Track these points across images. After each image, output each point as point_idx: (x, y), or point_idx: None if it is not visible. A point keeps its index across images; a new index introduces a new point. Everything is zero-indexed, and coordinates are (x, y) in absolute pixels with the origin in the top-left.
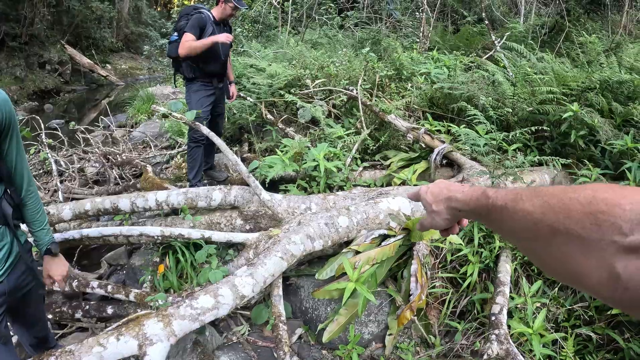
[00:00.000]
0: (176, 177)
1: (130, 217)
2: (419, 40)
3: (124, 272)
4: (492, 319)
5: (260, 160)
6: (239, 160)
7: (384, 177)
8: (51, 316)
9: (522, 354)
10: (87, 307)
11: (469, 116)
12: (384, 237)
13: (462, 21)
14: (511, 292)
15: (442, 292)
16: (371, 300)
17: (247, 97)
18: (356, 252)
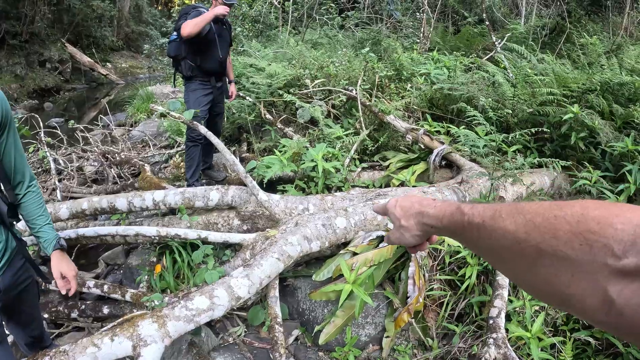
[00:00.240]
0: (175, 177)
1: (127, 217)
2: (419, 40)
3: (121, 272)
4: (490, 322)
5: (258, 160)
6: (237, 160)
7: (383, 178)
8: (47, 315)
9: (520, 358)
10: (83, 306)
11: (469, 117)
12: (382, 238)
13: (462, 22)
14: (510, 295)
15: (440, 295)
16: (368, 302)
17: (246, 97)
18: (354, 254)
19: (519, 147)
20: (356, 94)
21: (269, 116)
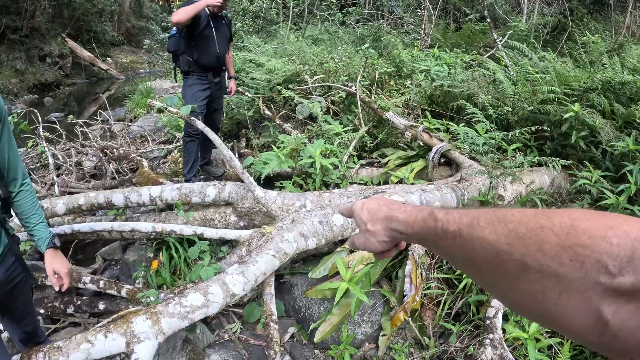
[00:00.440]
0: (173, 172)
1: (124, 212)
2: (420, 37)
3: (119, 267)
4: (487, 322)
5: (257, 156)
6: (234, 155)
7: (381, 175)
8: (43, 311)
9: (517, 359)
10: (79, 302)
11: (469, 115)
12: None
13: (464, 19)
14: None
15: (438, 293)
16: (364, 300)
17: (246, 92)
18: (350, 251)
19: (519, 146)
20: (355, 90)
21: (267, 112)
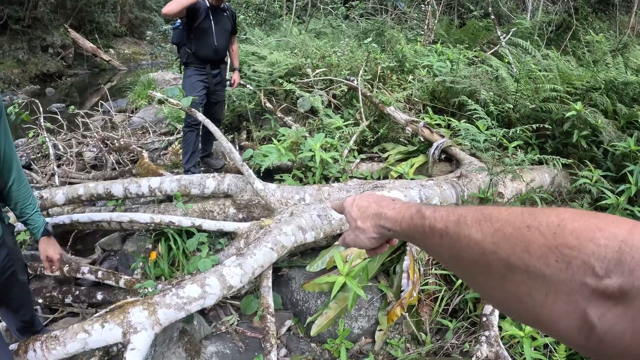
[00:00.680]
0: (173, 164)
1: (124, 203)
2: (423, 32)
3: (117, 258)
4: (484, 319)
5: (257, 148)
6: (233, 148)
7: (381, 169)
8: (41, 300)
9: (513, 357)
10: (77, 292)
11: (470, 111)
12: None
13: (468, 15)
14: None
15: (435, 290)
16: (361, 295)
17: (247, 85)
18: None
19: (520, 143)
20: (357, 84)
21: (269, 105)
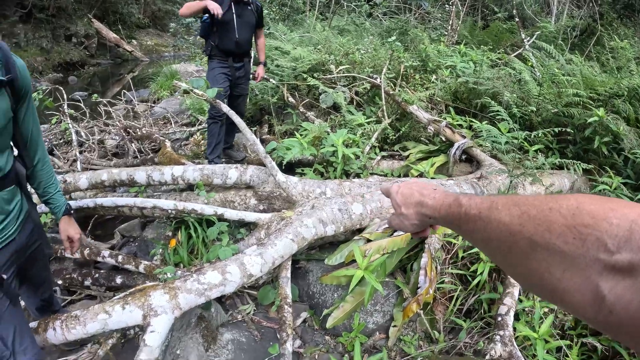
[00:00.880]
0: (194, 154)
1: (145, 190)
2: (447, 33)
3: (136, 244)
4: (499, 319)
5: (279, 142)
6: (257, 140)
7: (402, 167)
8: (61, 282)
9: (526, 358)
10: (97, 275)
11: (492, 112)
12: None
13: (492, 17)
14: (520, 295)
15: (451, 289)
16: (379, 289)
17: (270, 79)
18: (368, 240)
19: (540, 147)
20: (380, 82)
21: (291, 99)
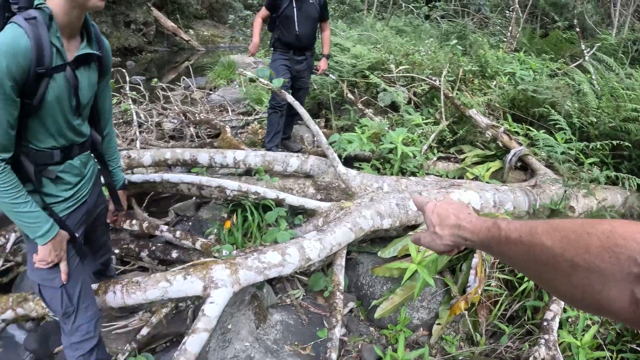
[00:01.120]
0: (251, 142)
1: (205, 172)
2: (506, 39)
3: (190, 224)
4: (544, 324)
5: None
6: (320, 131)
7: (457, 170)
8: (118, 251)
9: None
10: (154, 248)
11: (551, 121)
12: None
13: (551, 25)
14: (565, 305)
15: (496, 293)
16: (430, 284)
17: (330, 74)
18: None
19: (595, 161)
20: (440, 84)
21: (350, 96)
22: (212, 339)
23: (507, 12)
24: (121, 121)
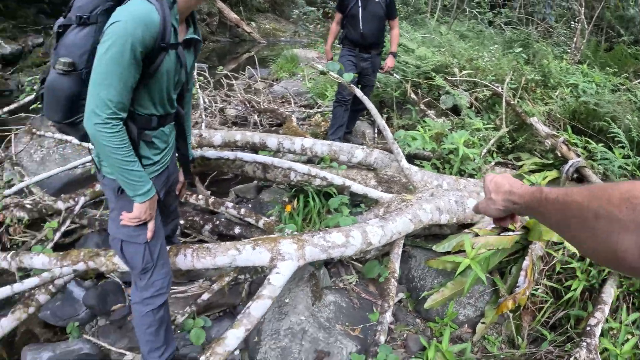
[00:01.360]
0: (313, 134)
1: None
2: (569, 50)
3: (250, 206)
4: (587, 328)
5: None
6: (387, 126)
7: (514, 176)
8: (183, 222)
9: None
10: (218, 222)
11: (610, 135)
12: (504, 228)
13: (616, 39)
14: (608, 316)
15: (542, 299)
16: (482, 279)
17: (394, 74)
18: (475, 235)
19: None
20: (502, 91)
21: (413, 96)
22: (268, 310)
23: (572, 22)
24: None
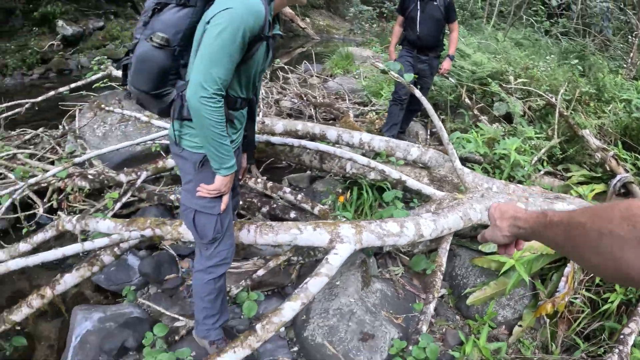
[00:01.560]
0: (367, 131)
1: None
2: (625, 65)
3: (302, 195)
4: (621, 337)
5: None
6: (443, 127)
7: (562, 186)
8: (241, 202)
9: None
10: (275, 205)
11: None
12: None
13: None
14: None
15: (579, 309)
16: (525, 280)
17: (449, 78)
18: None
19: None
20: (556, 101)
21: (467, 101)
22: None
23: (629, 37)
24: None
